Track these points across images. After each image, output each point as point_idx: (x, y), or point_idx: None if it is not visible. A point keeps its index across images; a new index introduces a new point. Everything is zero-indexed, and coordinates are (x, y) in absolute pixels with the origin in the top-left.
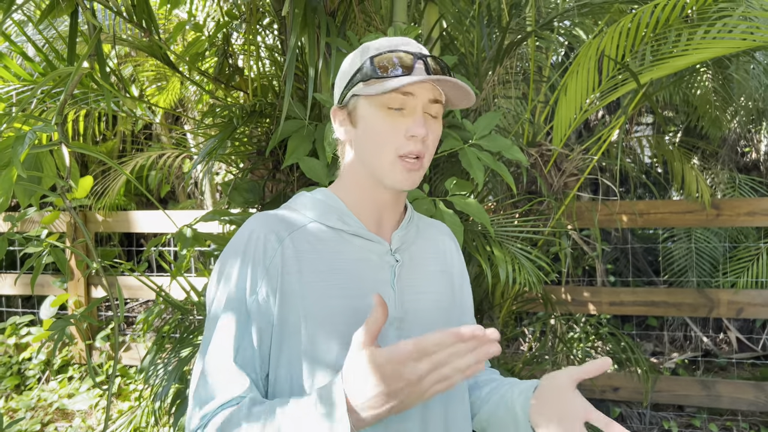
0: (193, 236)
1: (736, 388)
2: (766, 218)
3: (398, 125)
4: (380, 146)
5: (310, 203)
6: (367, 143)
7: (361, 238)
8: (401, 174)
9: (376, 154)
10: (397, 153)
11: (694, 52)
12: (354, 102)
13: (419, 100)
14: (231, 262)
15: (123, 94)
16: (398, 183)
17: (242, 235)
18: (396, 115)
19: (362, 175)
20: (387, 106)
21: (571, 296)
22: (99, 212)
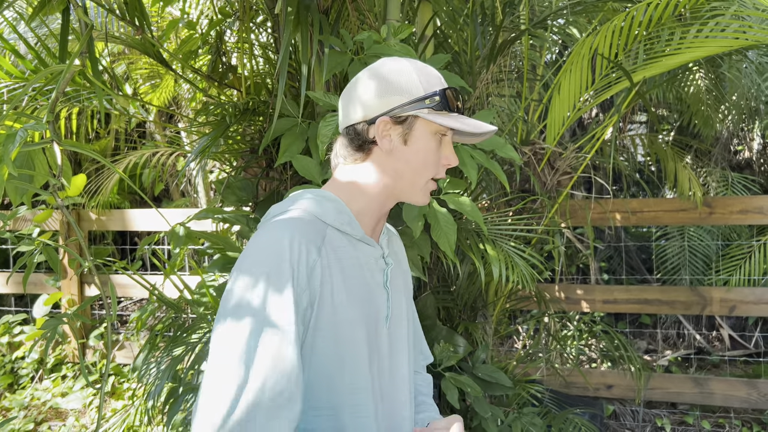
0: (186, 234)
1: (728, 385)
2: (758, 216)
3: (440, 152)
4: (425, 168)
5: (329, 208)
6: (413, 162)
7: (364, 243)
8: (427, 195)
9: (417, 174)
10: (433, 176)
11: (687, 50)
12: (412, 121)
13: (451, 136)
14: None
15: (116, 92)
16: (421, 202)
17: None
18: (440, 141)
19: (380, 185)
20: (437, 132)
21: (565, 294)
22: (92, 210)
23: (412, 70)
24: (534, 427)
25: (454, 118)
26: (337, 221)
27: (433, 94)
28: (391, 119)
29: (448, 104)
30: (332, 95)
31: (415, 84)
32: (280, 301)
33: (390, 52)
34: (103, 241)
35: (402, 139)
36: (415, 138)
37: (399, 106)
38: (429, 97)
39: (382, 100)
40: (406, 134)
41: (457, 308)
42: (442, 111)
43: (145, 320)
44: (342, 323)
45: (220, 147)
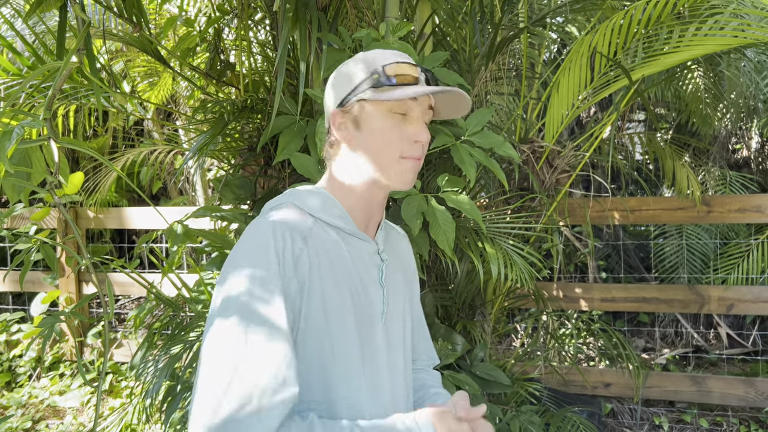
0: (184, 232)
1: (726, 383)
2: (756, 215)
3: (403, 130)
4: (386, 148)
5: (315, 201)
6: (371, 145)
7: (356, 237)
8: (405, 175)
9: (381, 155)
10: (401, 155)
11: (685, 49)
12: (359, 107)
13: (420, 108)
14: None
15: (113, 89)
16: (402, 184)
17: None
18: (399, 120)
19: (358, 176)
20: (393, 111)
21: (563, 292)
22: (90, 208)
23: (361, 58)
24: (532, 425)
25: (395, 90)
26: (326, 214)
27: (372, 73)
28: (341, 110)
29: (389, 77)
30: None
31: (358, 69)
32: (267, 291)
33: (386, 49)
34: (100, 240)
35: (354, 125)
36: (366, 121)
37: (345, 95)
38: (369, 77)
39: (334, 95)
40: (356, 120)
41: (455, 306)
42: (382, 87)
43: (143, 318)
44: (331, 311)
45: (218, 145)
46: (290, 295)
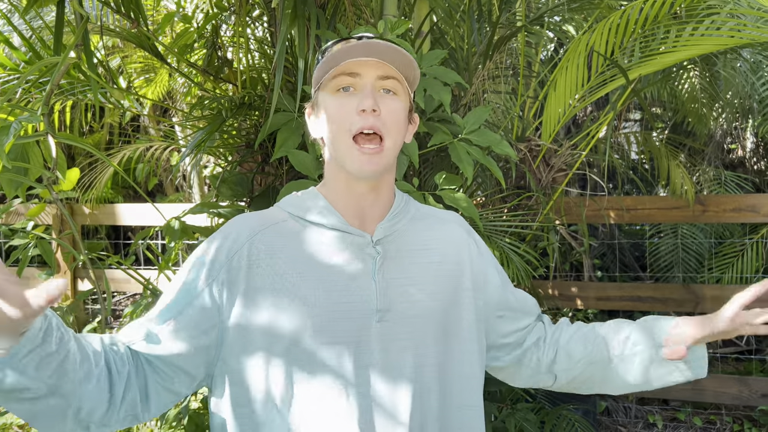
0: (181, 229)
1: (720, 382)
2: (750, 214)
3: (348, 104)
4: (335, 128)
5: (292, 200)
6: (325, 129)
7: (340, 231)
8: (359, 159)
9: (334, 139)
10: (351, 131)
11: (682, 48)
12: (316, 96)
13: (367, 79)
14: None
15: (110, 85)
16: (357, 169)
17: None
18: (345, 95)
19: (335, 168)
20: (336, 89)
21: (559, 291)
22: (86, 205)
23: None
24: (527, 423)
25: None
26: (302, 211)
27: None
28: (309, 105)
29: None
30: None
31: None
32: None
33: None
34: (96, 236)
35: (316, 117)
36: (322, 105)
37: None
38: (317, 67)
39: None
40: (317, 111)
41: None
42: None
43: (139, 315)
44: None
45: (215, 141)
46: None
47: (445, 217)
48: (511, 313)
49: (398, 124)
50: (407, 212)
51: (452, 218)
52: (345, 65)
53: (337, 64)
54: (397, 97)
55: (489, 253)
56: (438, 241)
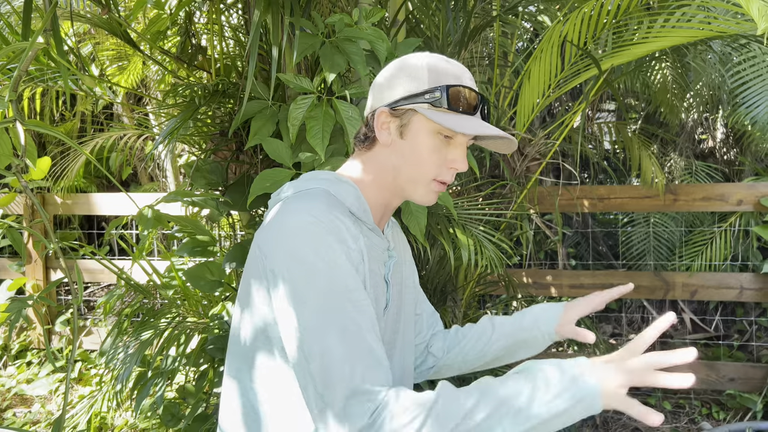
0: (155, 217)
1: (688, 367)
2: (719, 203)
3: (443, 154)
4: (422, 166)
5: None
6: (410, 158)
7: (374, 233)
8: (430, 194)
9: (415, 171)
10: (434, 177)
11: (654, 40)
12: (410, 115)
13: (466, 137)
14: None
15: (82, 72)
16: (425, 202)
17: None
18: (443, 142)
19: (388, 179)
20: (441, 133)
21: (533, 279)
22: (58, 194)
23: (425, 64)
24: None
25: (452, 117)
26: (355, 206)
27: (433, 89)
28: (389, 111)
29: (450, 102)
30: (303, 78)
31: (420, 78)
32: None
33: (361, 36)
34: (69, 226)
35: (399, 132)
36: (413, 133)
37: (399, 99)
38: (429, 92)
39: (386, 93)
40: (402, 128)
41: (427, 292)
42: (441, 108)
43: (113, 305)
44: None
45: (189, 129)
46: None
47: (397, 224)
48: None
49: None
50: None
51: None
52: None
53: (469, 133)
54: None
55: None
56: (404, 244)
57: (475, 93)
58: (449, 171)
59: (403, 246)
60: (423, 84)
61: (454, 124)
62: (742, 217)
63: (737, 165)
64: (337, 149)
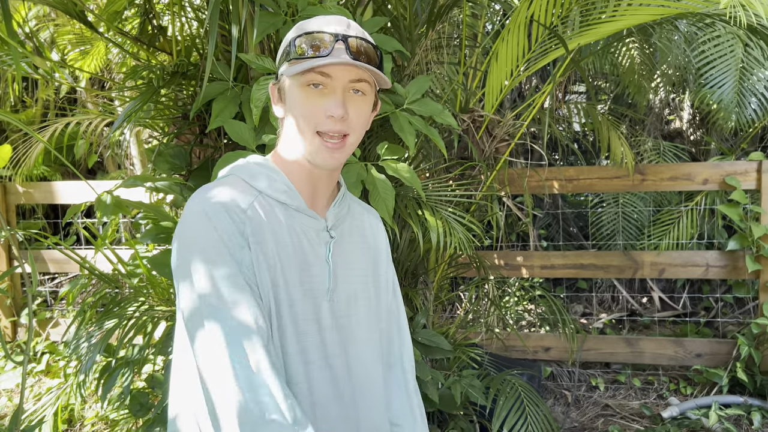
0: (115, 203)
1: (657, 344)
2: (686, 183)
3: (317, 103)
4: (301, 123)
5: (260, 173)
6: (292, 119)
7: (302, 213)
8: (320, 152)
9: (299, 131)
10: (314, 129)
11: (620, 18)
12: (283, 80)
13: (339, 81)
14: (203, 243)
15: (39, 55)
16: (320, 161)
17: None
18: (315, 93)
19: (293, 151)
20: (307, 84)
21: (505, 261)
22: (18, 183)
23: (293, 29)
24: (473, 388)
25: (300, 62)
26: (270, 188)
27: (285, 48)
28: (273, 84)
29: (296, 51)
30: (265, 58)
31: (285, 43)
32: (227, 279)
33: (325, 14)
34: (33, 216)
35: (281, 100)
36: (288, 95)
37: (278, 69)
38: (285, 51)
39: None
40: (282, 94)
41: (399, 275)
42: (294, 59)
43: (77, 294)
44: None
45: (151, 113)
46: (246, 264)
47: (371, 209)
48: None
49: (363, 122)
50: (347, 200)
51: (374, 213)
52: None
53: (304, 68)
54: (365, 96)
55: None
56: (364, 229)
57: (326, 33)
58: (328, 120)
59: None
60: (284, 45)
61: (295, 68)
62: (708, 196)
63: (703, 145)
64: None
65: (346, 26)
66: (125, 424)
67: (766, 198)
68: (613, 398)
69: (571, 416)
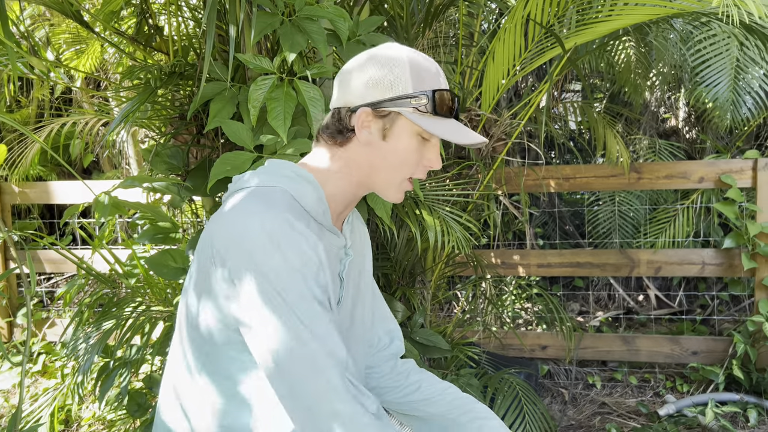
0: (112, 204)
1: (654, 342)
2: (682, 181)
3: (422, 154)
4: (401, 167)
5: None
6: (388, 159)
7: (330, 232)
8: (400, 194)
9: (393, 171)
10: (410, 176)
11: (616, 18)
12: (393, 118)
13: (439, 142)
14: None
15: (35, 55)
16: (396, 199)
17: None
18: (422, 143)
19: (361, 176)
20: (421, 135)
21: (501, 259)
22: (14, 183)
23: (407, 63)
24: (471, 387)
25: (439, 123)
26: (314, 209)
27: (420, 94)
28: (372, 111)
29: (436, 107)
30: (263, 58)
31: (404, 79)
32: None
33: (322, 14)
34: (29, 216)
35: (381, 134)
36: (396, 135)
37: (384, 100)
38: (415, 97)
39: (368, 91)
40: (386, 130)
41: (395, 274)
42: (427, 113)
43: (74, 295)
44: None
45: (147, 113)
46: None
47: (357, 214)
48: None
49: None
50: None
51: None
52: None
53: (457, 142)
54: None
55: None
56: (361, 239)
57: (452, 94)
58: (424, 169)
59: (361, 240)
60: (407, 85)
61: (440, 130)
62: (704, 194)
63: (699, 143)
64: (299, 131)
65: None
66: (123, 425)
67: (761, 196)
68: (609, 396)
69: (569, 414)
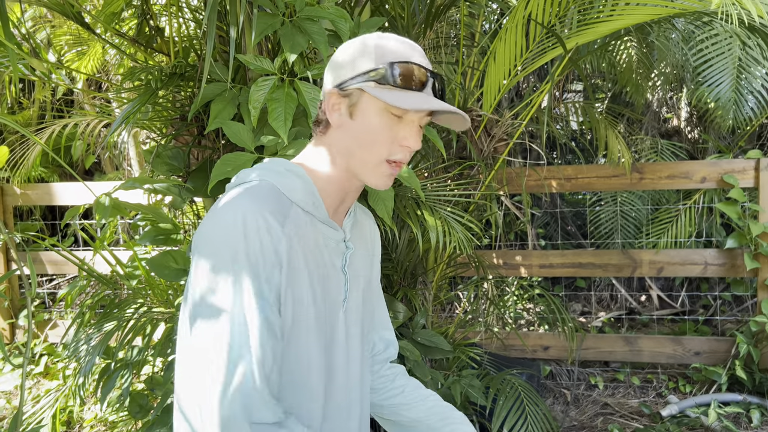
0: (113, 205)
1: (656, 342)
2: (684, 181)
3: (395, 132)
4: (372, 146)
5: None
6: (359, 138)
7: (325, 225)
8: (383, 177)
9: (366, 152)
10: (386, 157)
11: (618, 18)
12: (358, 95)
13: (417, 115)
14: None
15: (36, 57)
16: (378, 184)
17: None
18: (394, 120)
19: (340, 162)
20: (390, 111)
21: (503, 260)
22: (16, 184)
23: (372, 43)
24: (472, 388)
25: (404, 95)
26: (303, 201)
27: (379, 66)
28: (338, 92)
29: (396, 78)
30: (263, 59)
31: (366, 56)
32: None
33: (323, 15)
34: (30, 218)
35: (348, 112)
36: (362, 112)
37: (347, 79)
38: (375, 70)
39: (335, 73)
40: (351, 108)
41: (397, 275)
42: (387, 86)
43: (75, 296)
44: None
45: (149, 114)
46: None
47: (368, 212)
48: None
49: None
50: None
51: (370, 214)
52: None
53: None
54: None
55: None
56: (366, 235)
57: (424, 69)
58: (401, 149)
59: (364, 236)
60: (370, 62)
61: (399, 101)
62: (706, 194)
63: (701, 143)
64: (300, 132)
65: (423, 55)
66: (124, 426)
67: (764, 196)
68: (612, 397)
69: (571, 415)
